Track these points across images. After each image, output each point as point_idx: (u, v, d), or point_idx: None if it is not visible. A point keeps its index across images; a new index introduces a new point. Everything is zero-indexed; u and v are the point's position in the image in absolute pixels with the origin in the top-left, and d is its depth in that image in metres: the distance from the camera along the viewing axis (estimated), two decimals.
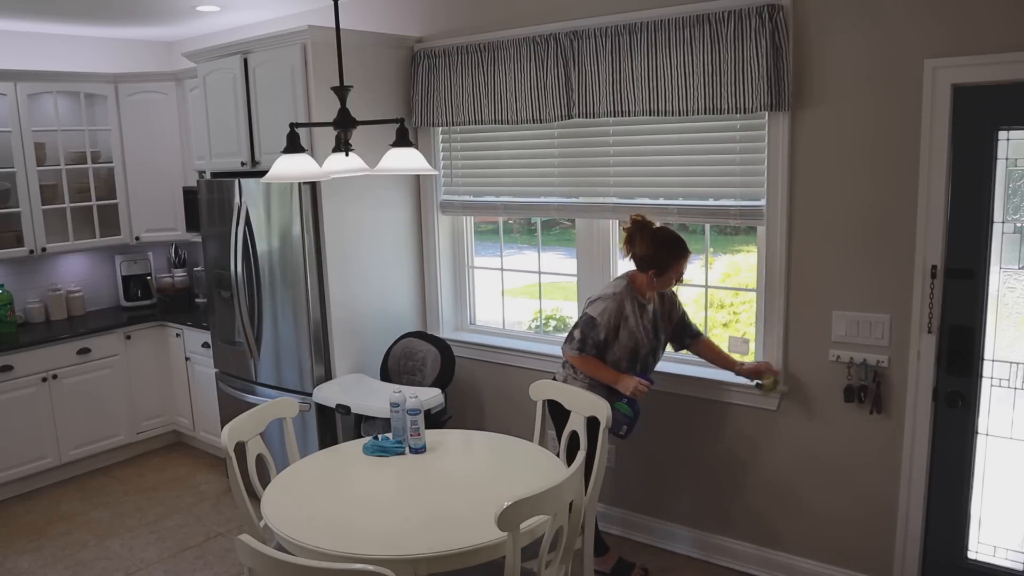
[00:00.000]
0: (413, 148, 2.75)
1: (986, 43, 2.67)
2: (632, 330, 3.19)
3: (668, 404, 3.64)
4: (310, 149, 3.75)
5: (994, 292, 2.85)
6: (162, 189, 5.23)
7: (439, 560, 2.24)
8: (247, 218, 4.09)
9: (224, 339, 4.44)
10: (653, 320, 3.27)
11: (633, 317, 3.19)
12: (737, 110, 3.14)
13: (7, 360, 4.46)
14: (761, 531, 3.48)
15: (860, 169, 3.00)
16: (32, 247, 4.81)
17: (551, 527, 2.34)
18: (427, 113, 4.10)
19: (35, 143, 4.79)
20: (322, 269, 3.93)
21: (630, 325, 3.18)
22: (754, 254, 3.44)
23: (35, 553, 3.94)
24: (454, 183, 4.27)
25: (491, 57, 3.82)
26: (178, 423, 5.25)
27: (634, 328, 3.19)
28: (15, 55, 4.96)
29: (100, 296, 5.46)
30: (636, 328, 3.20)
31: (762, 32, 3.02)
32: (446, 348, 4.02)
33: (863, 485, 3.17)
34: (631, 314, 3.19)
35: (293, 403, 3.17)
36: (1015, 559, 2.93)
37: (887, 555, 3.16)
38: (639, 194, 3.61)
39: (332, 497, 2.68)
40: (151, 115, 5.17)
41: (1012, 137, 2.73)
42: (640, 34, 3.33)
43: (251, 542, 1.95)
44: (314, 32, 3.69)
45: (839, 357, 3.15)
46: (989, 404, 2.91)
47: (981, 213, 2.80)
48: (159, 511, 4.35)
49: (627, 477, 3.84)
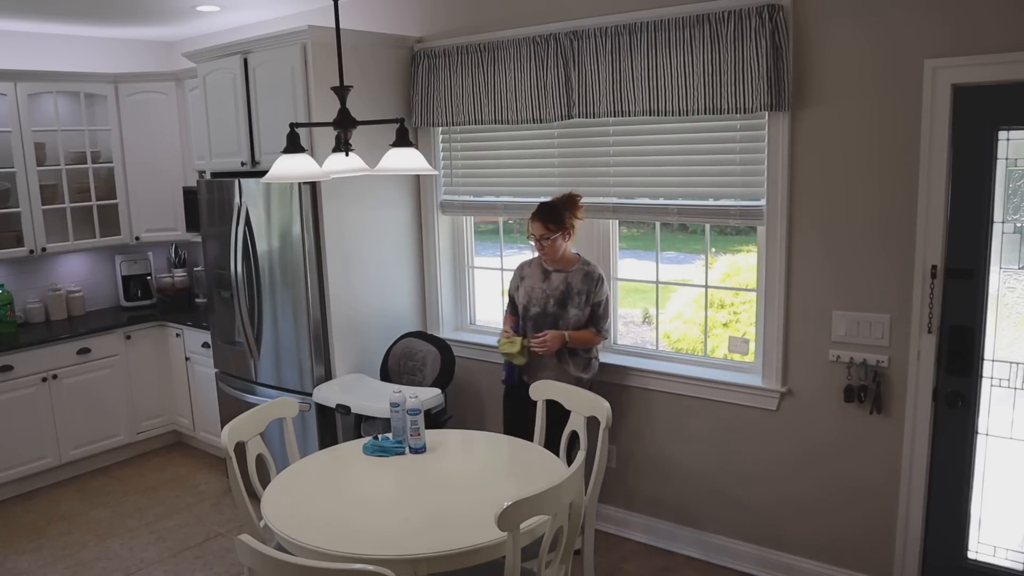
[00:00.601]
0: (413, 148, 2.75)
1: (986, 43, 2.67)
2: (527, 289, 3.59)
3: (668, 404, 3.64)
4: (310, 149, 3.75)
5: (994, 292, 2.85)
6: (162, 189, 5.23)
7: (439, 560, 2.24)
8: (247, 218, 4.09)
9: (224, 339, 4.44)
10: (559, 289, 3.49)
11: (531, 280, 3.58)
12: (737, 110, 3.14)
13: (7, 360, 4.46)
14: (761, 531, 3.48)
15: (860, 169, 3.00)
16: (32, 247, 4.81)
17: (551, 527, 2.34)
18: (427, 113, 4.10)
19: (35, 143, 4.79)
20: (322, 269, 3.93)
21: (525, 285, 3.60)
22: (754, 254, 3.44)
23: (35, 553, 3.94)
24: (454, 183, 4.27)
25: (491, 57, 3.82)
26: (178, 423, 5.25)
27: (528, 288, 3.58)
28: (15, 55, 4.96)
29: (100, 296, 5.46)
30: (531, 289, 3.57)
31: (762, 32, 3.02)
32: (446, 348, 4.02)
33: (863, 485, 3.17)
34: (528, 276, 3.60)
35: (293, 403, 3.17)
36: (1015, 559, 2.93)
37: (887, 555, 3.16)
38: (639, 194, 3.61)
39: (332, 497, 2.68)
40: (151, 115, 5.17)
41: (1012, 137, 2.73)
42: (640, 34, 3.33)
43: (251, 542, 1.95)
44: (314, 32, 3.69)
45: (839, 357, 3.15)
46: (989, 404, 2.91)
47: (981, 213, 2.80)
48: (159, 511, 4.35)
49: (627, 477, 3.84)
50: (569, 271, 3.50)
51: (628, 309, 4.22)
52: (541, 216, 3.44)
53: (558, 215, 3.43)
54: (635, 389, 3.73)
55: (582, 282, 3.48)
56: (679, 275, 4.03)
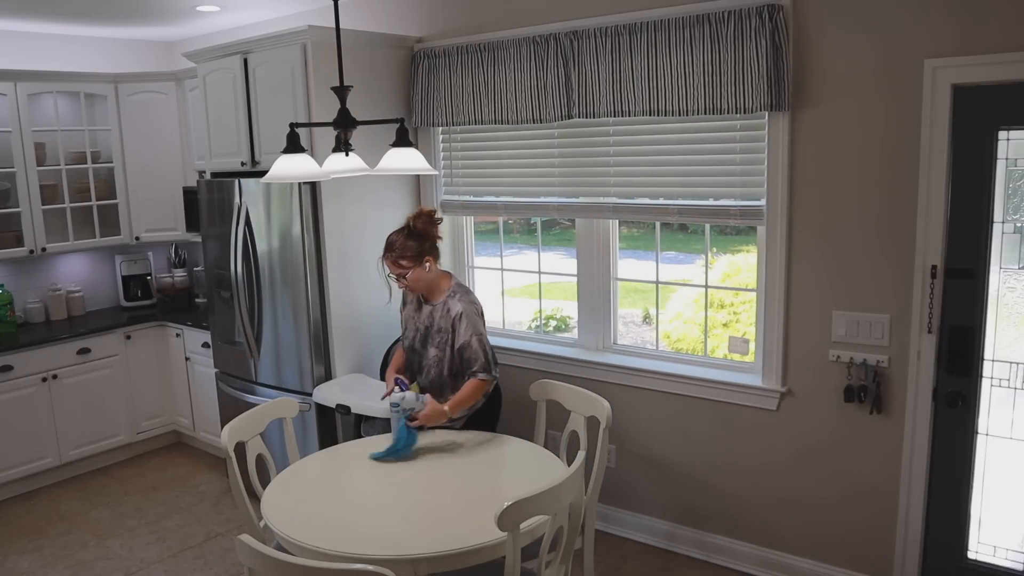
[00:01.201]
0: (413, 148, 2.75)
1: (986, 43, 2.67)
2: (405, 318, 3.35)
3: (668, 404, 3.64)
4: (310, 149, 3.74)
5: (994, 292, 2.85)
6: (162, 189, 5.23)
7: (439, 560, 2.24)
8: (247, 218, 4.09)
9: (224, 339, 4.44)
10: (424, 324, 3.21)
11: (410, 307, 3.33)
12: (737, 110, 3.14)
13: (7, 360, 4.46)
14: (761, 531, 3.48)
15: (860, 169, 3.00)
16: (32, 247, 4.81)
17: (551, 527, 2.34)
18: (427, 113, 4.10)
19: (35, 143, 4.79)
20: (322, 269, 3.93)
21: (406, 312, 3.36)
22: (754, 254, 3.44)
23: (35, 553, 3.94)
24: (454, 183, 4.27)
25: (491, 57, 3.82)
26: (178, 423, 5.25)
27: (407, 317, 3.34)
28: (15, 55, 4.96)
29: (100, 296, 5.46)
30: (407, 319, 3.33)
31: (762, 32, 3.02)
32: None
33: (863, 485, 3.17)
34: (410, 303, 3.34)
35: (293, 403, 3.17)
36: (1015, 559, 2.93)
37: (887, 555, 3.16)
38: (639, 194, 3.61)
39: (332, 497, 2.68)
40: (151, 115, 5.17)
41: (1012, 137, 2.73)
42: (640, 34, 3.33)
43: (251, 542, 1.95)
44: (314, 32, 3.69)
45: (839, 357, 3.15)
46: (989, 404, 2.91)
47: (981, 213, 2.80)
48: (159, 511, 4.35)
49: (627, 477, 3.84)
50: (435, 304, 3.19)
51: (628, 309, 4.22)
52: (389, 253, 3.10)
53: (408, 248, 3.09)
54: (635, 389, 3.73)
55: (442, 319, 3.14)
56: (679, 275, 4.03)
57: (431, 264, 3.15)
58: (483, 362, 3.10)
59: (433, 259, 3.16)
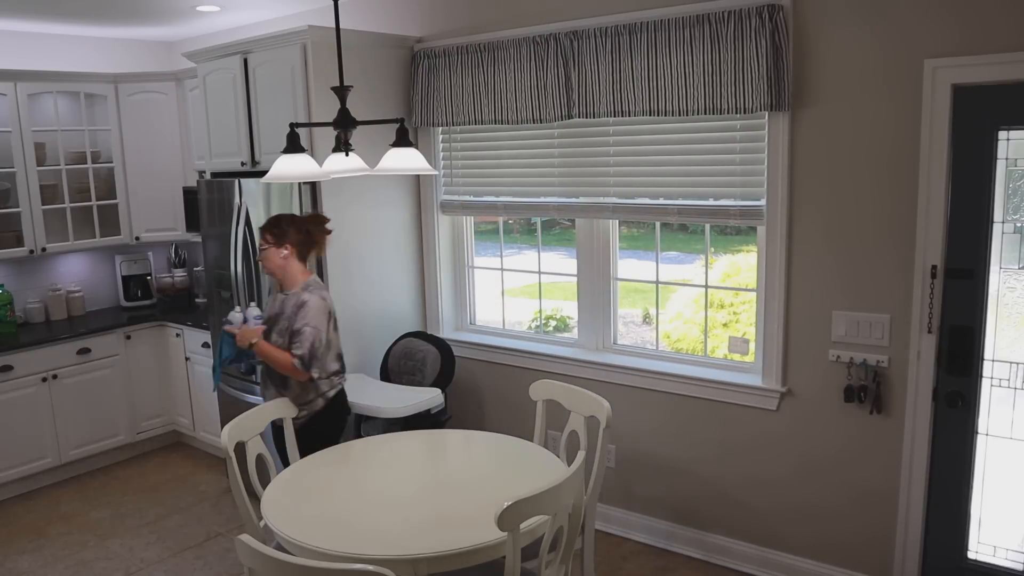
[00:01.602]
0: (413, 148, 2.75)
1: (986, 43, 2.67)
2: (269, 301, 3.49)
3: (668, 404, 3.64)
4: (310, 149, 3.75)
5: (994, 292, 2.85)
6: (162, 189, 5.23)
7: (439, 560, 2.24)
8: (247, 218, 4.09)
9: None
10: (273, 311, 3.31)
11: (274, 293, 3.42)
12: (737, 110, 3.14)
13: (7, 360, 4.46)
14: (761, 531, 3.48)
15: (860, 169, 3.00)
16: (32, 247, 4.81)
17: (551, 527, 2.34)
18: (427, 113, 4.10)
19: (35, 143, 4.79)
20: (322, 269, 3.93)
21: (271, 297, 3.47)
22: (754, 254, 3.44)
23: (35, 553, 3.94)
24: (454, 183, 4.27)
25: (491, 57, 3.82)
26: (178, 423, 5.25)
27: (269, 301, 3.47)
28: (15, 55, 4.96)
29: (100, 296, 5.45)
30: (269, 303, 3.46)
31: (762, 32, 3.02)
32: (446, 348, 4.02)
33: (863, 485, 3.17)
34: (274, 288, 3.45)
35: (291, 404, 3.17)
36: (1015, 559, 2.93)
37: (887, 555, 3.16)
38: (639, 194, 3.61)
39: (332, 497, 2.68)
40: (151, 115, 5.17)
41: (1012, 137, 2.73)
42: (640, 34, 3.33)
43: (251, 542, 1.95)
44: (314, 32, 3.69)
45: (839, 357, 3.15)
46: (989, 404, 2.91)
47: (981, 213, 2.80)
48: (159, 511, 4.35)
49: (627, 477, 3.84)
50: (288, 293, 3.28)
51: (628, 309, 4.22)
52: (265, 226, 3.27)
53: (280, 228, 3.24)
54: (635, 389, 3.73)
55: (292, 307, 3.22)
56: (679, 275, 4.03)
57: (288, 253, 3.25)
58: (305, 352, 3.12)
59: (294, 252, 3.26)
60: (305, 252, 3.31)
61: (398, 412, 3.55)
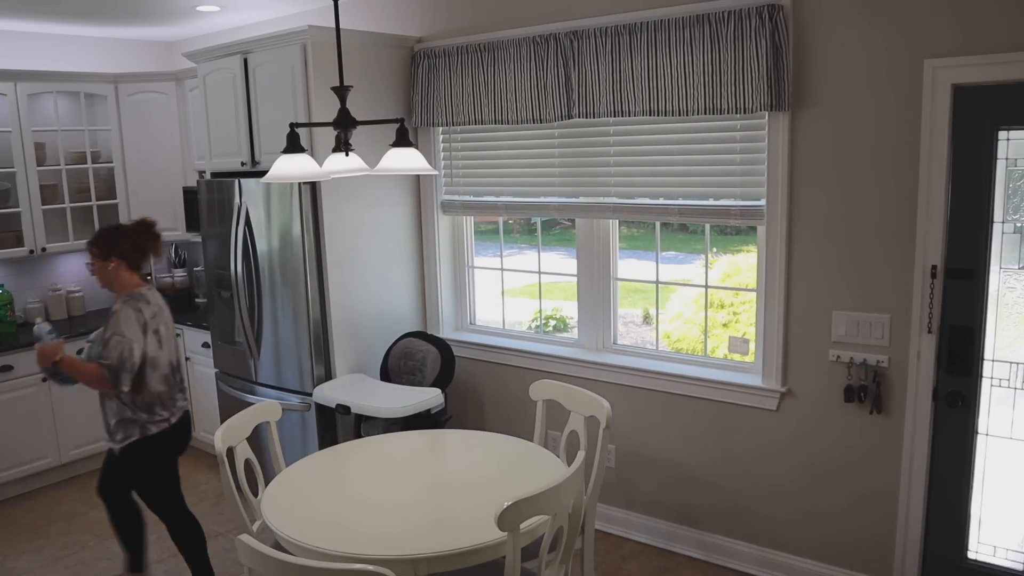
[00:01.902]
0: (413, 148, 2.75)
1: (986, 43, 2.67)
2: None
3: (668, 404, 3.64)
4: (310, 149, 3.75)
5: (994, 292, 2.85)
6: (162, 189, 5.23)
7: (439, 560, 2.24)
8: (247, 218, 4.09)
9: (224, 339, 4.43)
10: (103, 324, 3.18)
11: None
12: (737, 110, 3.14)
13: (7, 360, 4.46)
14: (761, 531, 3.48)
15: (860, 169, 3.00)
16: (32, 247, 4.81)
17: (551, 527, 2.34)
18: (427, 113, 4.10)
19: (35, 143, 4.79)
20: (322, 269, 3.94)
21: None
22: (754, 254, 3.44)
23: (35, 553, 3.94)
24: (454, 183, 4.27)
25: (491, 57, 3.82)
26: None
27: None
28: (15, 55, 4.96)
29: (100, 296, 5.44)
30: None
31: (762, 32, 3.02)
32: (446, 348, 4.02)
33: (863, 485, 3.17)
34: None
35: (276, 406, 3.14)
36: (1015, 559, 2.93)
37: (887, 555, 3.16)
38: (639, 194, 3.61)
39: (332, 497, 2.68)
40: (151, 115, 5.17)
41: (1012, 137, 2.73)
42: (640, 34, 3.33)
43: (251, 542, 1.95)
44: (314, 32, 3.69)
45: (839, 357, 3.15)
46: (989, 404, 2.91)
47: (981, 213, 2.80)
48: None
49: (627, 477, 3.84)
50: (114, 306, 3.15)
51: (628, 309, 4.22)
52: (90, 240, 3.17)
53: (104, 242, 3.15)
54: (635, 389, 3.73)
55: (108, 318, 3.11)
56: (679, 275, 4.03)
57: (116, 265, 3.15)
58: (112, 361, 3.01)
59: (123, 263, 3.16)
60: (137, 261, 3.21)
61: (398, 412, 3.55)
